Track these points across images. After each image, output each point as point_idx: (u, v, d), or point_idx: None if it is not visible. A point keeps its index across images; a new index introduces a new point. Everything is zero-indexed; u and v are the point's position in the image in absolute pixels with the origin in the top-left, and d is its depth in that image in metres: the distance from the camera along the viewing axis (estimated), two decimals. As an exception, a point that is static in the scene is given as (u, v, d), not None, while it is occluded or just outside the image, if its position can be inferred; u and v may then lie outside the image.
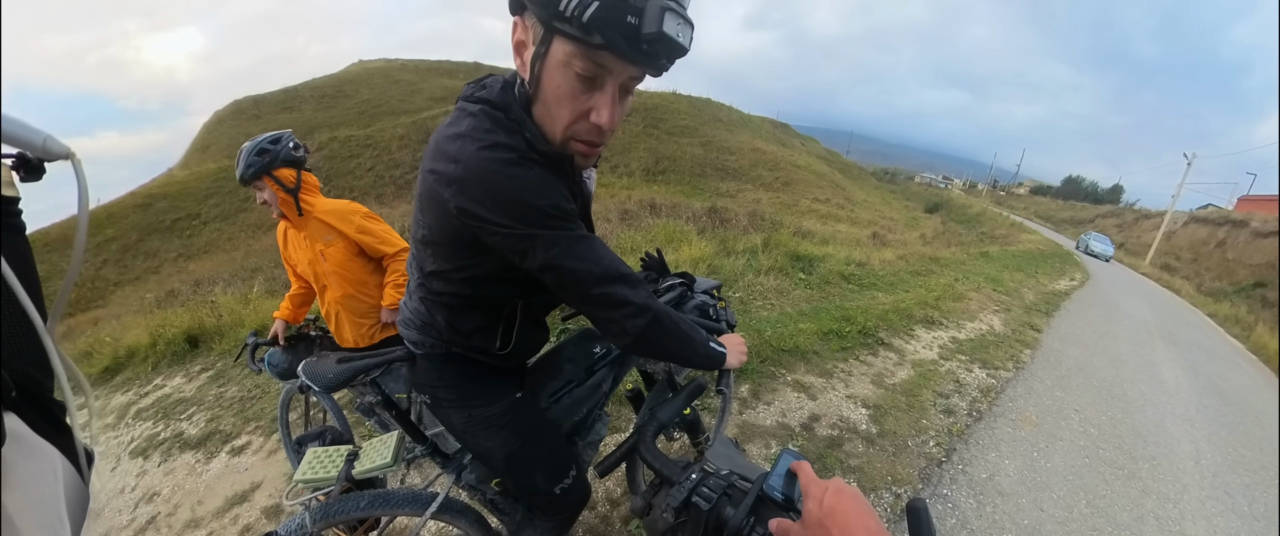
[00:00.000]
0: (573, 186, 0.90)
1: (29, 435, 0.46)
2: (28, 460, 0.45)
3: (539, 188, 0.80)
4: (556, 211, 0.81)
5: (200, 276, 10.42)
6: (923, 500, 0.60)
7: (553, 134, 0.81)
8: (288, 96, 30.35)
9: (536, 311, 1.12)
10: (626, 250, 6.10)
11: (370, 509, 1.17)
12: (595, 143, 0.83)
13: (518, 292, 1.00)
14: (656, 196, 11.52)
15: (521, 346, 1.10)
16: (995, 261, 10.04)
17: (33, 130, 0.51)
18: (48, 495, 0.46)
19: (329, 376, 1.13)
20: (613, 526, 1.98)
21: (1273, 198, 32.64)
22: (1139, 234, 28.25)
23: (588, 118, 0.77)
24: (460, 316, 1.00)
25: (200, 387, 3.68)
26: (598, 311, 0.90)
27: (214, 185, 20.22)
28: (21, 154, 0.53)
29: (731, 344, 1.16)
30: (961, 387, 3.52)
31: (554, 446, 1.21)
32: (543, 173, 0.81)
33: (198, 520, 2.23)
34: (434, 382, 1.10)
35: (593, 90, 0.76)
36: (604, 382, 1.38)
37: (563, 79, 0.74)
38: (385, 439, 1.31)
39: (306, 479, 1.23)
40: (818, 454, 2.52)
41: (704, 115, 22.88)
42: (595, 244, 0.87)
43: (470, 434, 1.14)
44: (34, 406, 0.49)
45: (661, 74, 0.78)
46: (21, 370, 0.49)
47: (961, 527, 2.16)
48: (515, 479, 1.22)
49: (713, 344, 1.07)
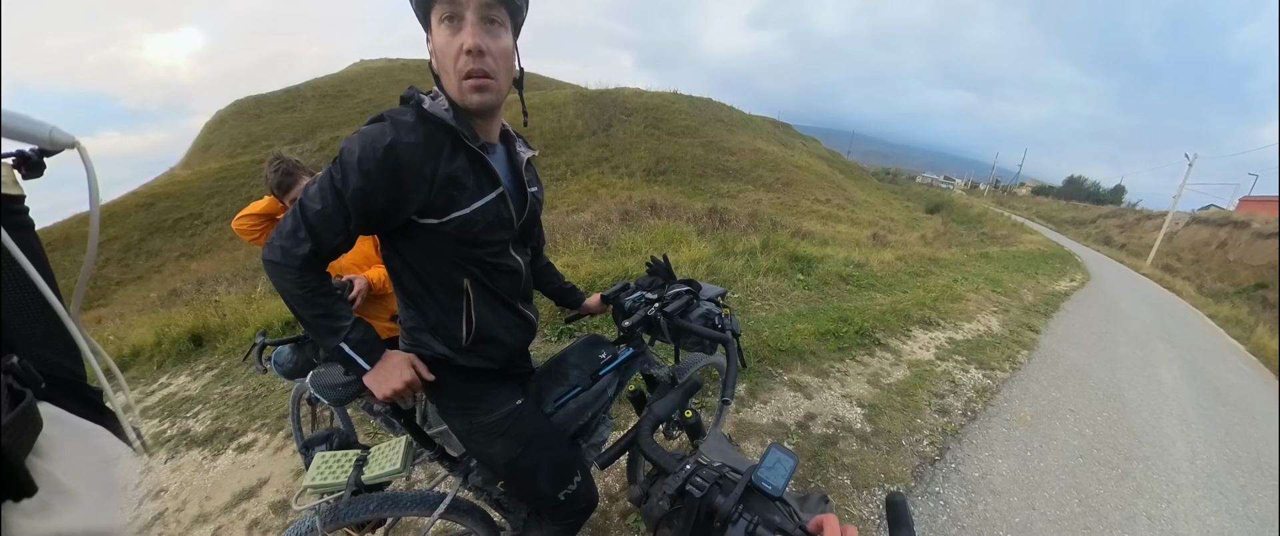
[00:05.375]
0: (474, 158, 0.96)
1: (68, 417, 0.49)
2: (72, 438, 0.48)
3: (373, 135, 0.88)
4: (360, 152, 0.87)
5: (202, 276, 10.47)
6: (902, 494, 0.65)
7: (455, 90, 0.92)
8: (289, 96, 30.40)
9: (499, 293, 1.10)
10: (627, 251, 6.14)
11: (379, 511, 1.20)
12: (477, 71, 0.89)
13: (457, 268, 1.01)
14: (657, 197, 11.54)
15: (489, 335, 1.09)
16: (995, 262, 10.05)
17: (37, 123, 0.53)
18: (98, 465, 0.49)
19: (338, 388, 1.12)
20: (611, 520, 2.02)
21: (1274, 199, 32.56)
22: (1140, 235, 28.19)
23: (461, 51, 0.87)
24: (424, 308, 1.05)
25: (205, 386, 3.72)
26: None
27: (216, 185, 20.27)
28: (20, 151, 0.55)
29: (388, 368, 1.00)
30: (957, 388, 3.55)
31: (556, 453, 1.22)
32: (404, 132, 0.89)
33: (206, 515, 2.27)
34: (433, 388, 1.12)
35: (458, 29, 0.87)
36: (609, 387, 1.39)
37: (439, 35, 0.88)
38: (393, 444, 1.33)
39: (316, 484, 1.24)
40: (812, 452, 2.56)
41: (705, 115, 22.88)
42: (323, 181, 0.89)
43: (472, 440, 1.18)
44: (69, 394, 0.52)
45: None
46: (48, 360, 0.52)
47: (953, 525, 2.19)
48: (518, 485, 1.26)
49: (347, 347, 0.97)
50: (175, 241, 17.66)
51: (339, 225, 0.90)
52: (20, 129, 0.51)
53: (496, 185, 1.00)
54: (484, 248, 1.02)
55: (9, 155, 0.54)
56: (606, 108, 20.74)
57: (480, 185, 0.98)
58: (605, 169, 16.61)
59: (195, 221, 18.63)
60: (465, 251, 1.00)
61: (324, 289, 0.95)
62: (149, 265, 16.44)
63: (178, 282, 10.81)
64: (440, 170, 0.92)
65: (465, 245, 0.99)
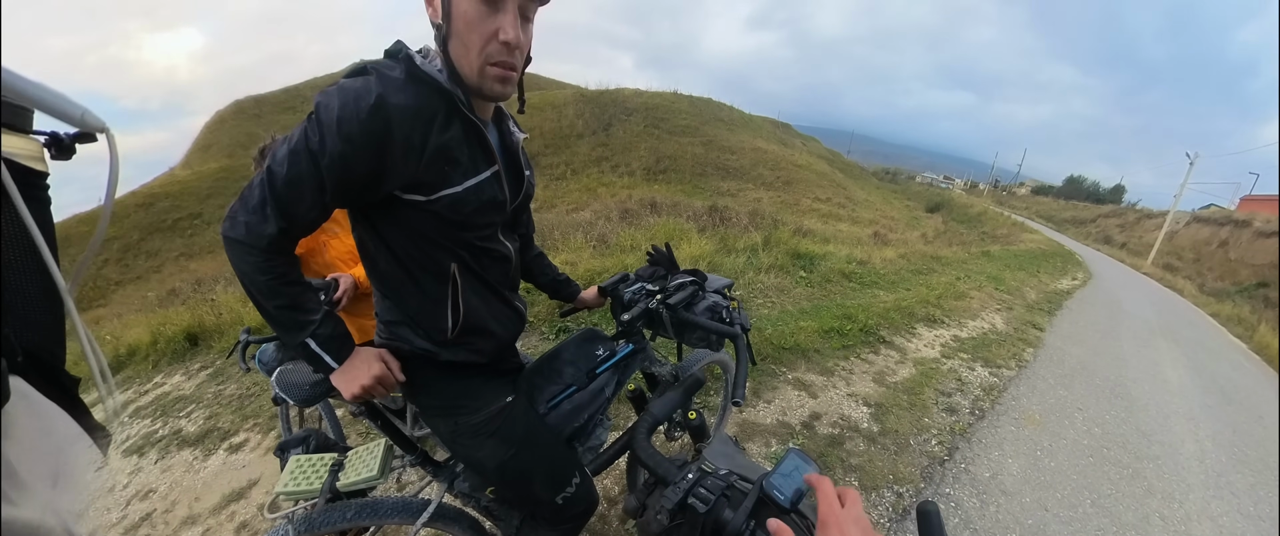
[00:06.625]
0: (471, 129, 0.87)
1: (36, 397, 0.47)
2: (34, 419, 0.46)
3: (356, 91, 0.77)
4: (338, 110, 0.76)
5: (201, 275, 10.40)
6: (934, 503, 0.58)
7: (469, 66, 0.82)
8: (289, 96, 30.34)
9: (489, 279, 1.02)
10: (627, 247, 6.08)
11: (357, 519, 1.12)
12: (507, 63, 0.83)
13: (443, 251, 0.92)
14: (657, 195, 11.47)
15: (478, 325, 1.01)
16: (997, 260, 10.00)
17: (72, 103, 0.52)
18: (52, 454, 0.47)
19: (304, 387, 1.03)
20: (610, 525, 1.96)
21: (1274, 198, 32.51)
22: (1141, 234, 28.13)
23: (496, 37, 0.80)
24: (403, 295, 0.96)
25: (199, 385, 3.66)
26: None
27: (216, 185, 20.20)
28: (54, 133, 0.55)
29: (356, 365, 0.93)
30: (964, 386, 3.50)
31: (551, 454, 1.14)
32: (392, 92, 0.78)
33: (195, 516, 2.21)
34: (415, 388, 1.04)
35: (496, 11, 0.79)
36: (607, 387, 1.30)
37: (468, 6, 0.78)
38: (371, 448, 1.25)
39: (288, 490, 1.16)
40: (819, 452, 2.50)
41: (705, 115, 22.81)
42: (296, 143, 0.78)
43: (459, 443, 1.08)
44: (43, 375, 0.51)
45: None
46: (34, 340, 0.51)
47: (965, 527, 2.13)
48: (511, 490, 1.16)
49: (315, 344, 0.88)
50: (174, 241, 17.59)
51: (312, 196, 0.79)
52: (54, 104, 0.51)
53: (492, 163, 0.91)
54: (473, 231, 0.93)
55: (41, 133, 0.54)
56: (607, 107, 20.68)
57: (474, 161, 0.88)
58: (605, 168, 16.56)
59: (195, 221, 18.56)
60: (453, 233, 0.91)
61: (291, 276, 0.84)
62: (148, 265, 16.38)
63: (177, 282, 10.74)
64: (432, 140, 0.82)
65: (453, 226, 0.90)
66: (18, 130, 0.51)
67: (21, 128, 0.52)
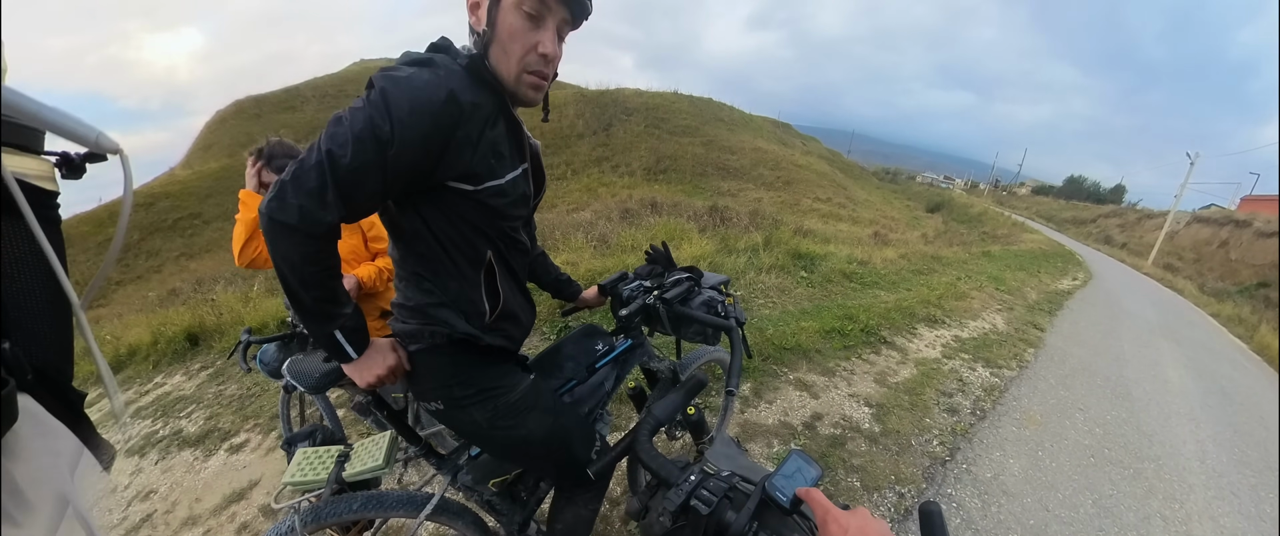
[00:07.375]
0: (513, 128, 0.95)
1: (44, 416, 0.48)
2: (42, 439, 0.47)
3: (427, 83, 0.80)
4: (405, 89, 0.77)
5: (202, 275, 10.40)
6: (936, 504, 0.58)
7: (507, 72, 0.89)
8: (289, 96, 30.32)
9: (515, 270, 1.07)
10: (628, 247, 6.08)
11: (363, 510, 1.14)
12: (542, 73, 0.91)
13: (482, 238, 0.96)
14: (658, 195, 11.47)
15: (512, 310, 1.06)
16: (997, 261, 9.99)
17: (86, 126, 0.53)
18: (58, 473, 0.48)
19: (315, 376, 1.04)
20: (612, 526, 1.96)
21: (1275, 198, 32.50)
22: (1141, 234, 28.12)
23: (536, 50, 0.88)
24: (446, 278, 0.97)
25: (200, 385, 3.66)
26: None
27: (216, 184, 20.19)
28: (65, 153, 0.56)
29: (371, 355, 0.94)
30: (965, 386, 3.49)
31: (576, 414, 1.23)
32: (447, 77, 0.82)
33: (195, 517, 2.21)
34: (447, 381, 1.02)
35: (538, 27, 0.88)
36: (607, 381, 1.33)
37: (515, 19, 0.86)
38: (377, 439, 1.26)
39: (295, 481, 1.19)
40: (821, 453, 2.50)
41: (705, 115, 22.81)
42: (360, 129, 0.75)
43: (499, 428, 1.06)
44: (52, 392, 0.51)
45: (581, 21, 0.93)
46: (42, 356, 0.51)
47: (967, 527, 2.13)
48: (555, 458, 1.17)
49: (341, 335, 0.89)
50: (175, 241, 17.58)
51: (374, 184, 0.78)
52: (69, 128, 0.52)
53: (524, 159, 0.99)
54: (507, 220, 0.98)
55: (52, 154, 0.55)
56: (607, 107, 20.68)
57: (512, 157, 0.95)
58: (605, 168, 16.56)
59: (195, 221, 18.56)
60: (492, 222, 0.96)
61: (336, 268, 0.84)
62: (148, 265, 16.37)
63: (177, 282, 10.73)
64: (485, 135, 0.87)
65: (493, 215, 0.95)
66: (30, 151, 0.52)
67: (34, 149, 0.52)
